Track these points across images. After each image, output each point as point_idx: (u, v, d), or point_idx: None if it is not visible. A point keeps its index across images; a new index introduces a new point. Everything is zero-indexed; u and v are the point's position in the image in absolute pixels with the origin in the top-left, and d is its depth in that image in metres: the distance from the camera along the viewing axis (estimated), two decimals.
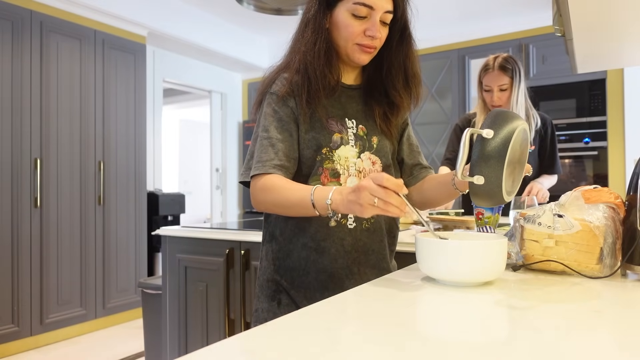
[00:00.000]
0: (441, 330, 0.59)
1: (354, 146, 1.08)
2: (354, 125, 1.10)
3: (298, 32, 1.10)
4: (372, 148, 1.11)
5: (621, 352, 0.51)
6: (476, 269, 0.80)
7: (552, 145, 2.18)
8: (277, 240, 1.11)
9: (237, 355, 0.51)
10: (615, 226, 0.90)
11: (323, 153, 1.05)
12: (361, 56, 1.06)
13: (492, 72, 2.06)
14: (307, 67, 1.04)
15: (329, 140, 1.06)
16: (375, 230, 1.11)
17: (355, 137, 1.09)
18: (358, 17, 1.03)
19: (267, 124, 1.05)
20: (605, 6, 1.15)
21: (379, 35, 1.04)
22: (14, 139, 3.04)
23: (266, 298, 1.11)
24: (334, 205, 0.89)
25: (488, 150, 0.86)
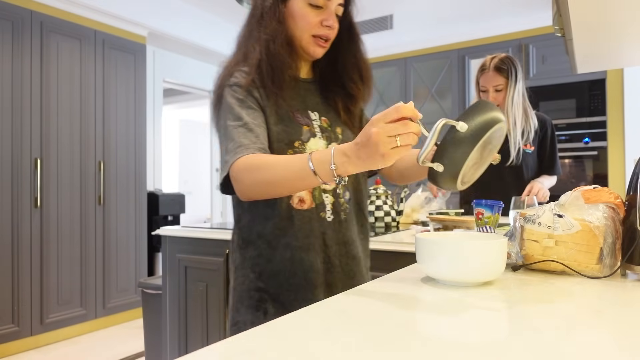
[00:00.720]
0: (441, 330, 0.59)
1: (321, 138, 1.06)
2: (317, 117, 1.08)
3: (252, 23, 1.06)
4: (338, 139, 1.10)
5: (621, 352, 0.51)
6: (476, 269, 0.80)
7: (551, 146, 2.17)
8: (254, 246, 1.05)
9: (237, 355, 0.51)
10: (615, 226, 0.90)
11: (296, 147, 1.02)
12: (317, 49, 1.05)
13: (488, 72, 2.06)
14: (271, 57, 1.01)
15: (300, 133, 1.03)
16: (351, 221, 1.09)
17: (321, 129, 1.07)
18: (315, 6, 1.02)
19: (236, 112, 0.98)
20: (605, 6, 1.15)
21: (335, 25, 1.04)
22: (14, 139, 3.04)
23: (249, 309, 1.04)
24: (341, 170, 0.80)
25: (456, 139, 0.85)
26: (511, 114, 2.07)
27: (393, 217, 1.90)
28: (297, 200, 1.02)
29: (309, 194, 1.03)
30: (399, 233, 1.72)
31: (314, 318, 0.65)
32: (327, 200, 1.05)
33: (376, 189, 1.95)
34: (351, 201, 1.10)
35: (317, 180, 0.84)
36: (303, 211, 1.02)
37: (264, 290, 1.03)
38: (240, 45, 1.08)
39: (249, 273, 1.05)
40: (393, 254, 1.49)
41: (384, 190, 1.96)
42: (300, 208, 1.02)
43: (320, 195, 1.04)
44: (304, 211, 1.02)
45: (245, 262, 1.05)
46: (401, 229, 1.83)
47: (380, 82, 4.56)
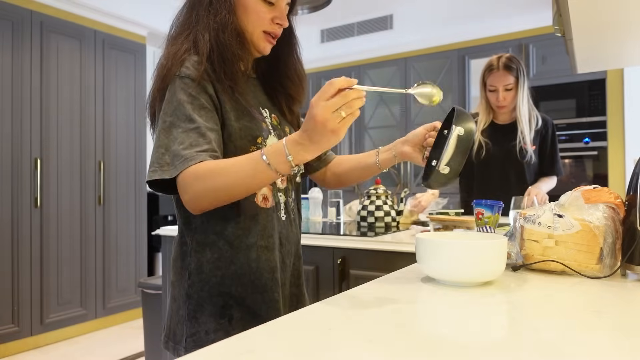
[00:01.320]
0: (441, 330, 0.59)
1: (274, 136, 1.02)
2: (267, 114, 1.05)
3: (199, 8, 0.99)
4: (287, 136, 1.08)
5: (621, 352, 0.51)
6: (476, 268, 0.80)
7: (552, 146, 2.17)
8: (213, 248, 0.97)
9: (237, 355, 0.51)
10: (615, 226, 0.90)
11: (259, 143, 0.97)
12: (266, 45, 1.03)
13: (497, 71, 2.05)
14: (222, 47, 0.95)
15: (261, 129, 0.99)
16: (297, 220, 1.10)
17: (272, 126, 1.04)
18: (268, 2, 0.99)
19: (187, 112, 0.90)
20: (605, 6, 1.15)
21: (286, 23, 1.03)
22: (14, 139, 3.04)
23: (211, 317, 0.96)
24: (297, 158, 0.80)
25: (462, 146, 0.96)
26: (523, 113, 2.07)
27: (393, 217, 1.90)
28: (261, 199, 0.99)
29: (270, 192, 1.00)
30: (399, 233, 1.72)
31: (314, 318, 0.65)
32: (281, 199, 1.04)
33: (376, 189, 1.95)
34: (294, 201, 1.10)
35: (273, 174, 0.82)
36: (267, 209, 0.99)
37: (228, 295, 0.97)
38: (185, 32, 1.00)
39: (209, 277, 0.97)
40: (393, 254, 1.49)
41: (384, 190, 1.96)
42: (264, 206, 0.99)
43: (276, 194, 1.02)
44: (267, 209, 0.99)
45: (203, 266, 0.97)
46: (401, 229, 1.83)
47: (380, 82, 4.56)
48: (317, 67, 4.88)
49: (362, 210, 1.93)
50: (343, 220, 2.27)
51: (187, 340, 0.96)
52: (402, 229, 1.88)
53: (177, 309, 1.00)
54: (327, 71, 4.81)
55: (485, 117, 2.19)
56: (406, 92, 0.85)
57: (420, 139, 1.10)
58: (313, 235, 1.69)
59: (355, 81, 0.76)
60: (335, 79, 0.75)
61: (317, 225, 2.04)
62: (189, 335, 0.96)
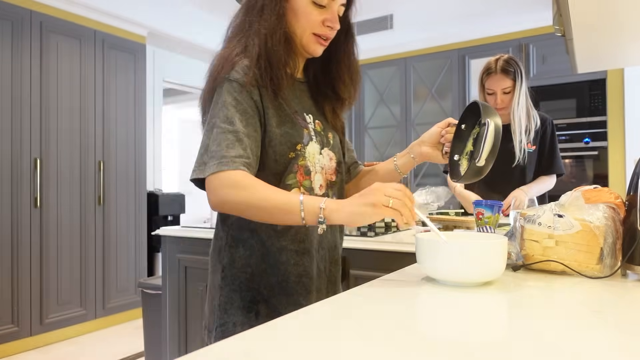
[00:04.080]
0: (441, 330, 0.59)
1: (316, 142, 1.04)
2: (311, 120, 1.06)
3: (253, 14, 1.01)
4: (329, 144, 1.08)
5: (621, 352, 0.51)
6: (476, 269, 0.80)
7: (551, 145, 2.15)
8: (246, 245, 1.01)
9: (237, 355, 0.51)
10: (615, 226, 0.89)
11: (298, 150, 0.99)
12: (317, 47, 1.03)
13: (495, 75, 2.05)
14: (269, 53, 0.97)
15: (301, 135, 1.00)
16: (336, 226, 1.10)
17: (315, 132, 1.05)
18: (319, 5, 0.99)
19: (230, 114, 0.93)
20: (605, 6, 1.15)
21: (337, 26, 1.02)
22: (14, 139, 3.04)
23: (240, 310, 1.00)
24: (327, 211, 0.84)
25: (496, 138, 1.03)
26: (517, 116, 2.07)
27: None
28: None
29: None
30: (399, 233, 1.72)
31: (314, 318, 0.65)
32: None
33: None
34: None
35: (299, 220, 0.86)
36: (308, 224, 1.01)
37: (257, 291, 1.00)
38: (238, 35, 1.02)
39: (240, 273, 1.01)
40: (393, 254, 1.49)
41: None
42: None
43: None
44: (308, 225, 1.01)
45: (236, 262, 1.01)
46: (401, 229, 1.83)
47: (380, 82, 4.55)
48: None
49: None
50: None
51: (217, 329, 1.00)
52: (402, 229, 1.87)
53: (212, 299, 1.04)
54: None
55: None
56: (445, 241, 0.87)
57: (436, 137, 1.11)
58: None
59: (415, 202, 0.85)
60: (402, 186, 0.84)
61: None
62: (219, 325, 1.00)
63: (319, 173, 1.03)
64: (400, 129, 4.42)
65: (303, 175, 1.00)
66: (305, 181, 1.00)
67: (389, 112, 4.52)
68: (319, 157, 1.04)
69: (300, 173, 1.00)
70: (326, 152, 1.06)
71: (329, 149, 1.07)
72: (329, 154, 1.07)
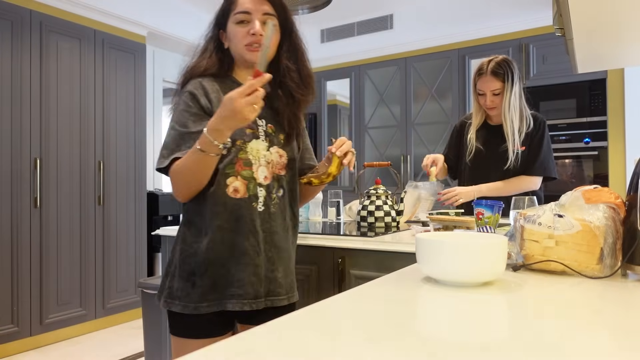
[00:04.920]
0: (441, 330, 0.59)
1: (264, 141, 1.24)
2: (263, 124, 1.26)
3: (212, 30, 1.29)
4: (280, 143, 1.27)
5: (621, 352, 0.51)
6: (476, 269, 0.80)
7: (537, 144, 2.08)
8: (193, 225, 1.22)
9: (236, 355, 0.51)
10: (615, 226, 0.89)
11: (237, 145, 1.20)
12: (251, 55, 1.22)
13: (485, 76, 2.06)
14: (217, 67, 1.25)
15: (242, 134, 1.20)
16: (279, 214, 1.26)
17: (265, 133, 1.25)
18: (241, 23, 1.21)
19: (182, 118, 1.20)
20: (605, 6, 1.15)
21: (260, 31, 1.19)
22: (14, 139, 3.04)
23: (181, 279, 1.20)
24: (214, 135, 1.05)
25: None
26: (508, 117, 2.06)
27: (393, 217, 1.90)
28: (232, 190, 1.19)
29: (244, 185, 1.20)
30: (399, 233, 1.72)
31: (314, 318, 0.65)
32: (261, 194, 1.22)
33: (376, 189, 1.95)
34: (284, 198, 1.28)
35: (209, 156, 1.09)
36: (236, 199, 1.19)
37: (196, 264, 1.19)
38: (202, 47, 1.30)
39: (188, 248, 1.21)
40: (393, 254, 1.49)
41: (384, 190, 1.96)
42: (234, 196, 1.19)
43: (255, 188, 1.21)
44: (236, 199, 1.19)
45: (187, 238, 1.22)
46: (401, 229, 1.83)
47: (380, 82, 4.55)
48: (317, 67, 4.88)
49: (362, 210, 1.92)
50: (343, 220, 2.27)
51: (164, 292, 1.22)
52: (402, 228, 1.87)
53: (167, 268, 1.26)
54: (327, 71, 4.81)
55: (478, 118, 2.19)
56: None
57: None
58: (313, 235, 1.69)
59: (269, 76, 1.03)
60: (253, 80, 1.01)
61: (317, 225, 2.04)
62: (166, 288, 1.22)
63: (264, 166, 1.23)
64: (400, 129, 4.42)
65: (242, 167, 1.20)
66: (243, 171, 1.20)
67: (389, 112, 4.52)
68: (266, 153, 1.23)
69: (239, 164, 1.20)
70: (275, 150, 1.25)
71: (279, 147, 1.26)
72: (278, 152, 1.26)
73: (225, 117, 1.04)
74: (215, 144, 1.07)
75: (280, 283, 1.24)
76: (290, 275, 1.29)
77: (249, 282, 1.18)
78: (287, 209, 1.29)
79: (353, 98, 4.66)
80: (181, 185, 1.17)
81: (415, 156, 4.34)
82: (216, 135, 1.06)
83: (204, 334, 1.21)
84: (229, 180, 1.19)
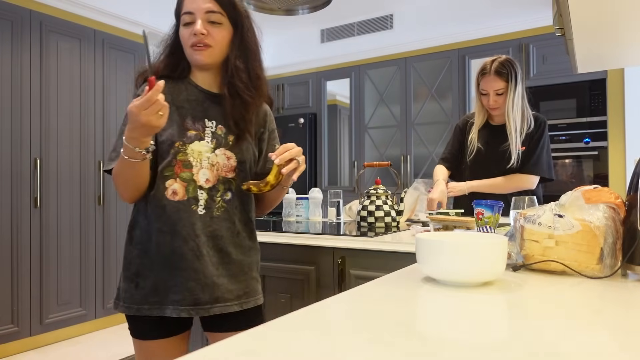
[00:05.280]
0: (441, 330, 0.59)
1: (209, 142, 1.22)
2: (213, 125, 1.24)
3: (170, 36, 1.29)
4: (228, 145, 1.24)
5: (621, 352, 0.51)
6: (476, 269, 0.80)
7: (535, 143, 2.08)
8: (136, 227, 1.23)
9: (237, 355, 0.51)
10: (615, 226, 0.89)
11: (176, 146, 1.19)
12: (196, 56, 1.20)
13: (489, 76, 2.05)
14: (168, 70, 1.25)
15: (183, 135, 1.20)
16: (225, 219, 1.23)
17: (213, 135, 1.23)
18: (187, 25, 1.20)
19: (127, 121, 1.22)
20: (605, 6, 1.15)
21: (201, 30, 1.17)
22: (14, 139, 3.04)
23: (126, 279, 1.21)
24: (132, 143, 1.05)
25: None
26: (512, 117, 2.06)
27: (393, 217, 1.90)
28: (170, 192, 1.18)
29: (183, 188, 1.19)
30: (399, 233, 1.72)
31: (314, 318, 0.65)
32: (202, 197, 1.20)
33: (376, 189, 1.95)
34: (233, 202, 1.24)
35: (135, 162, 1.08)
36: (174, 202, 1.18)
37: (139, 266, 1.20)
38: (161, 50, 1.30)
39: (133, 249, 1.22)
40: (393, 254, 1.49)
41: (384, 190, 1.96)
42: (172, 199, 1.18)
43: (194, 190, 1.20)
44: (175, 202, 1.18)
45: (133, 239, 1.23)
46: (401, 229, 1.83)
47: (381, 82, 4.55)
48: (317, 67, 4.88)
49: (362, 210, 1.92)
50: (343, 220, 2.27)
51: (117, 292, 1.24)
52: (402, 228, 1.87)
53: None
54: (327, 71, 4.81)
55: (480, 117, 2.19)
56: None
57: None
58: (313, 235, 1.69)
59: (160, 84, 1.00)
60: (149, 94, 0.99)
61: (317, 225, 2.04)
62: (118, 288, 1.24)
63: (206, 169, 1.21)
64: (401, 129, 4.42)
65: (181, 168, 1.19)
66: (183, 173, 1.19)
67: (389, 112, 4.52)
68: (210, 155, 1.21)
69: (178, 166, 1.19)
70: (222, 151, 1.23)
71: (227, 149, 1.23)
72: (225, 153, 1.23)
73: (134, 128, 1.03)
74: (137, 151, 1.06)
75: (228, 289, 1.21)
76: (245, 280, 1.25)
77: (187, 287, 1.17)
78: (237, 213, 1.25)
79: (353, 98, 4.66)
80: (121, 189, 1.17)
81: (415, 156, 4.34)
82: (135, 143, 1.05)
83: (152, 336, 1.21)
84: (168, 183, 1.18)
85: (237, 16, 1.23)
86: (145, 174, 1.15)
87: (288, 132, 4.86)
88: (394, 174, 2.14)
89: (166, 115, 1.03)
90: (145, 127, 1.01)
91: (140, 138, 1.05)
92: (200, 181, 1.20)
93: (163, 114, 1.02)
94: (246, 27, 1.25)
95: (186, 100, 1.25)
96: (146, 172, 1.15)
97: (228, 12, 1.21)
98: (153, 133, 1.06)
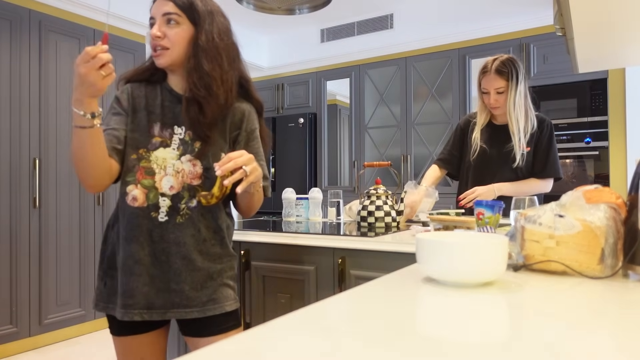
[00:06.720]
0: (441, 330, 0.58)
1: (175, 149, 1.21)
2: (182, 131, 1.23)
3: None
4: (194, 151, 1.22)
5: (621, 352, 0.50)
6: (476, 269, 0.80)
7: (546, 147, 2.10)
8: (111, 227, 1.28)
9: (237, 355, 0.50)
10: (616, 226, 0.89)
11: (140, 153, 1.21)
12: (154, 58, 1.22)
13: (489, 74, 2.05)
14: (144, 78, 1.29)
15: (148, 142, 1.21)
16: (189, 226, 1.21)
17: (181, 141, 1.22)
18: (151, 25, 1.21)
19: (107, 119, 1.24)
20: (606, 6, 1.15)
21: (156, 33, 1.18)
22: (13, 139, 3.04)
23: (98, 277, 1.27)
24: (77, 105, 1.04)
25: None
26: (514, 116, 2.06)
27: (393, 217, 1.89)
28: (130, 198, 1.20)
29: (143, 194, 1.20)
30: (399, 233, 1.72)
31: (314, 318, 0.64)
32: (164, 204, 1.20)
33: (376, 189, 1.95)
34: (198, 209, 1.22)
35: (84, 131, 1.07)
36: (133, 207, 1.19)
37: (107, 266, 1.26)
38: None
39: (105, 249, 1.28)
40: (393, 254, 1.48)
41: (384, 190, 1.95)
42: (132, 205, 1.20)
43: (155, 197, 1.20)
44: (134, 208, 1.19)
45: (106, 239, 1.28)
46: (401, 229, 1.82)
47: (381, 82, 4.55)
48: (317, 66, 4.88)
49: (362, 211, 1.92)
50: (343, 220, 2.27)
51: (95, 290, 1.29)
52: (402, 228, 1.87)
53: None
54: (327, 71, 4.80)
55: (482, 117, 2.18)
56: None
57: None
58: (313, 235, 1.68)
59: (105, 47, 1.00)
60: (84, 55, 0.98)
61: (317, 225, 2.03)
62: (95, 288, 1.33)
63: (171, 175, 1.20)
64: (401, 128, 4.41)
65: (143, 175, 1.20)
66: (144, 180, 1.19)
67: (389, 112, 4.52)
68: (175, 162, 1.21)
69: (140, 173, 1.20)
70: (187, 158, 1.22)
71: (192, 155, 1.22)
72: (191, 160, 1.22)
73: (77, 85, 1.02)
74: (81, 114, 1.05)
75: (188, 296, 1.20)
76: (211, 287, 1.23)
77: (141, 292, 1.18)
78: (202, 220, 1.23)
79: (353, 98, 4.65)
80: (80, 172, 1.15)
81: (415, 156, 4.34)
82: (78, 105, 1.05)
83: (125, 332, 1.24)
84: (129, 189, 1.20)
85: (195, 15, 1.20)
86: (99, 151, 1.12)
87: (288, 132, 4.86)
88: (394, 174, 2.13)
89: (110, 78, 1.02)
90: (86, 84, 1.00)
91: (84, 99, 1.03)
92: (164, 188, 1.20)
93: (106, 74, 1.00)
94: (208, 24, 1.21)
95: (160, 105, 1.25)
96: (100, 148, 1.12)
97: (186, 11, 1.19)
98: (96, 94, 1.04)
